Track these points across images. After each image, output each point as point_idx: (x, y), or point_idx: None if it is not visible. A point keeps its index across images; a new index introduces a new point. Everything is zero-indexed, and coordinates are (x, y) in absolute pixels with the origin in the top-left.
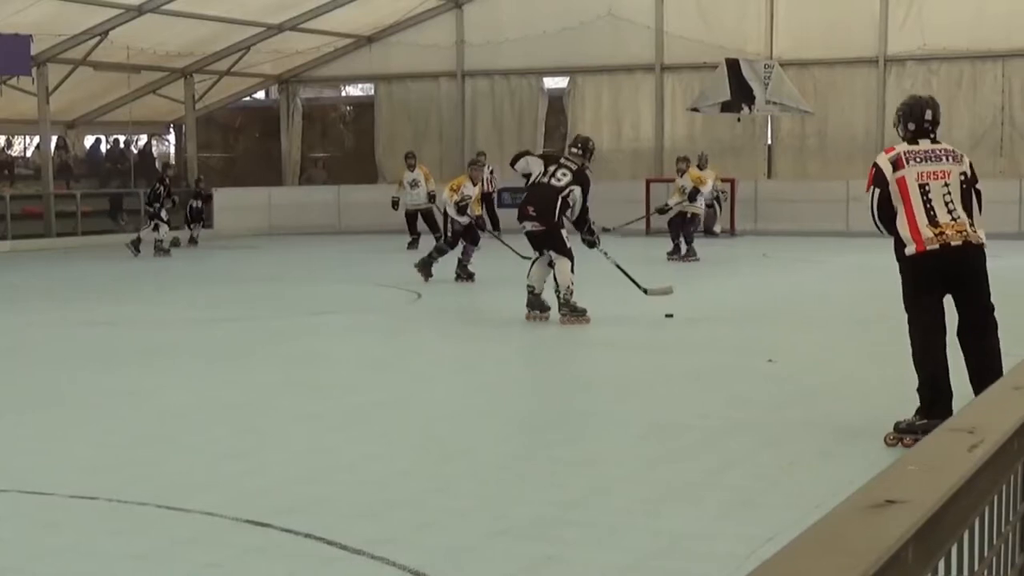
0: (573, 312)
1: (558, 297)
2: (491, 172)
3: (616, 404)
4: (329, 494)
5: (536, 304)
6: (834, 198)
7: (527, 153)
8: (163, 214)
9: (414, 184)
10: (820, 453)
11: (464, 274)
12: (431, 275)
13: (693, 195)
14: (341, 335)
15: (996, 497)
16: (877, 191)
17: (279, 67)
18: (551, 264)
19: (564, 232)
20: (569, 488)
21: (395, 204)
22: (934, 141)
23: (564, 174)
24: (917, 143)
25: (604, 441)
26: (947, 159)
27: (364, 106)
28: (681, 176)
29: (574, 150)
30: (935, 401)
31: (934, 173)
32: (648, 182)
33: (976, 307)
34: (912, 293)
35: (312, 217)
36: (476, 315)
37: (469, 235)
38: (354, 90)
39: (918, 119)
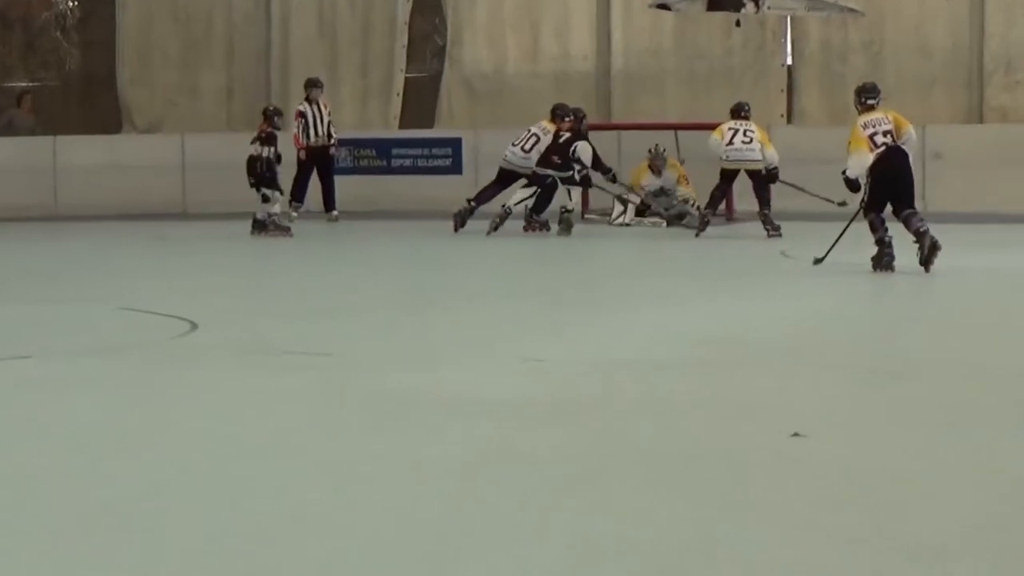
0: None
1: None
2: (326, 106)
3: None
4: None
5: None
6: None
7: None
8: None
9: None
10: None
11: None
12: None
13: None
14: (45, 396)
15: None
16: None
17: None
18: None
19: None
20: None
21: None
22: None
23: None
24: None
25: None
26: None
27: (98, 1)
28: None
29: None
30: None
31: None
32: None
33: None
34: None
35: (8, 191)
36: (272, 353)
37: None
38: None
39: None
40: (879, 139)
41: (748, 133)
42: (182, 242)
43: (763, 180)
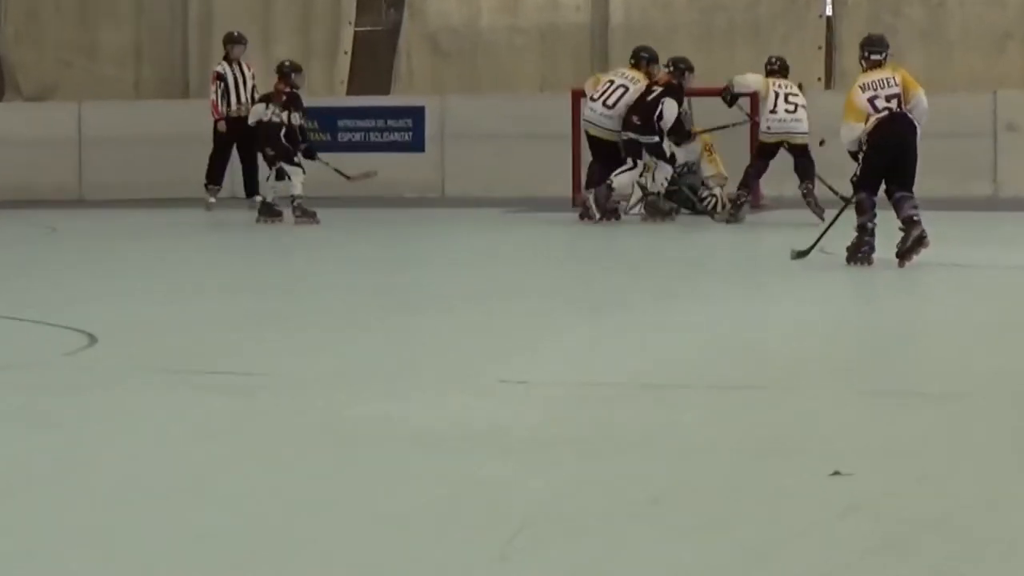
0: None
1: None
2: (249, 68)
3: None
4: None
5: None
6: (963, 128)
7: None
8: None
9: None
10: None
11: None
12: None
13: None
14: None
15: None
16: None
17: None
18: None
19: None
20: None
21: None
22: None
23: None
24: None
25: None
26: None
27: None
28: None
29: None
30: None
31: None
32: (576, 95)
33: None
34: None
35: None
36: (191, 373)
37: None
38: None
39: None
40: (880, 103)
41: (792, 98)
42: (78, 235)
43: (806, 153)
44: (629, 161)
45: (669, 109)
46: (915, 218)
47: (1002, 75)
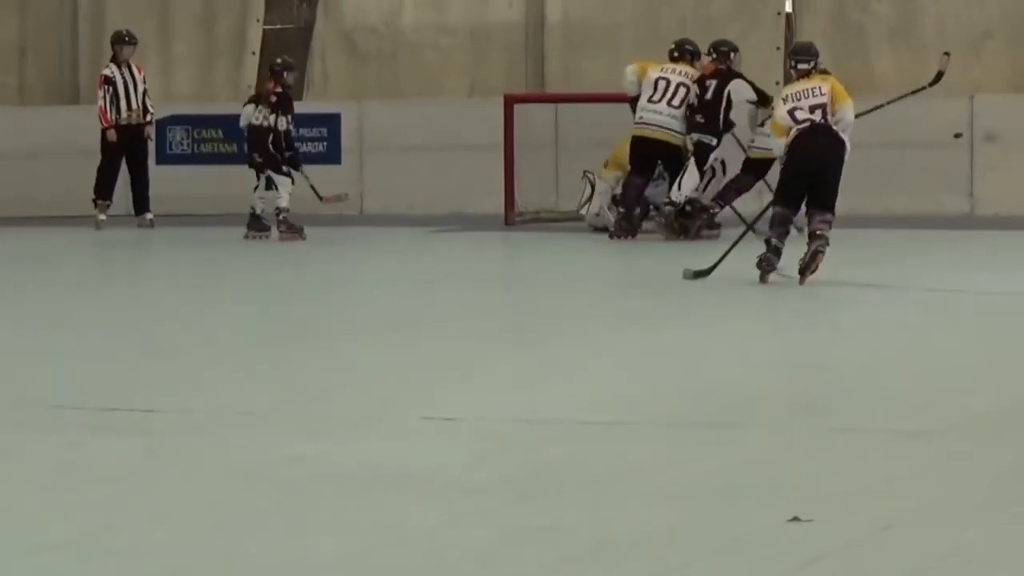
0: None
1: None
2: (139, 70)
3: None
4: None
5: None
6: (936, 138)
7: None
8: None
9: None
10: None
11: None
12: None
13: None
14: None
15: None
16: None
17: None
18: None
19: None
20: None
21: None
22: None
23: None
24: None
25: None
26: None
27: None
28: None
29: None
30: None
31: None
32: (509, 100)
33: None
34: None
35: None
36: (80, 409)
37: None
38: None
39: None
40: (801, 114)
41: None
42: None
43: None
44: (692, 165)
45: (741, 91)
46: (818, 232)
47: (981, 79)
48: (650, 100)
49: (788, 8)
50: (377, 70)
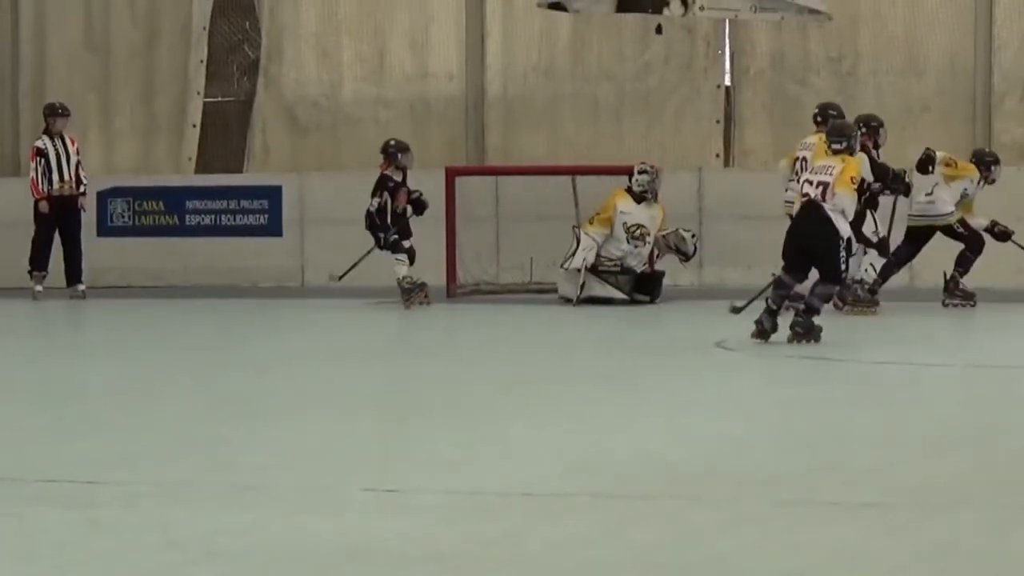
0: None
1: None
2: (73, 142)
3: None
4: None
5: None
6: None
7: None
8: None
9: None
10: None
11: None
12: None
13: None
14: None
15: None
16: None
17: None
18: None
19: None
20: None
21: None
22: None
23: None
24: None
25: None
26: None
27: None
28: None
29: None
30: None
31: None
32: (451, 173)
33: None
34: None
35: None
36: (16, 481)
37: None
38: None
39: None
40: (806, 187)
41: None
42: None
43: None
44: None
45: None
46: (801, 307)
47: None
48: (792, 179)
49: (727, 81)
50: (318, 143)
